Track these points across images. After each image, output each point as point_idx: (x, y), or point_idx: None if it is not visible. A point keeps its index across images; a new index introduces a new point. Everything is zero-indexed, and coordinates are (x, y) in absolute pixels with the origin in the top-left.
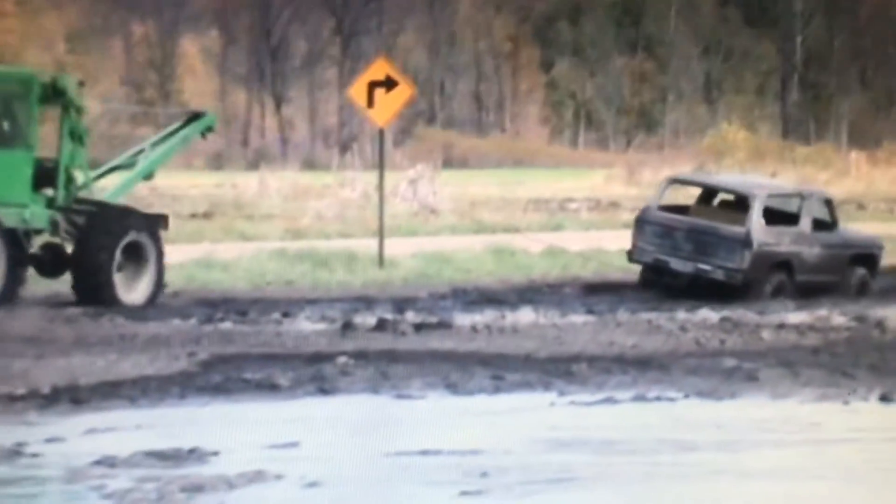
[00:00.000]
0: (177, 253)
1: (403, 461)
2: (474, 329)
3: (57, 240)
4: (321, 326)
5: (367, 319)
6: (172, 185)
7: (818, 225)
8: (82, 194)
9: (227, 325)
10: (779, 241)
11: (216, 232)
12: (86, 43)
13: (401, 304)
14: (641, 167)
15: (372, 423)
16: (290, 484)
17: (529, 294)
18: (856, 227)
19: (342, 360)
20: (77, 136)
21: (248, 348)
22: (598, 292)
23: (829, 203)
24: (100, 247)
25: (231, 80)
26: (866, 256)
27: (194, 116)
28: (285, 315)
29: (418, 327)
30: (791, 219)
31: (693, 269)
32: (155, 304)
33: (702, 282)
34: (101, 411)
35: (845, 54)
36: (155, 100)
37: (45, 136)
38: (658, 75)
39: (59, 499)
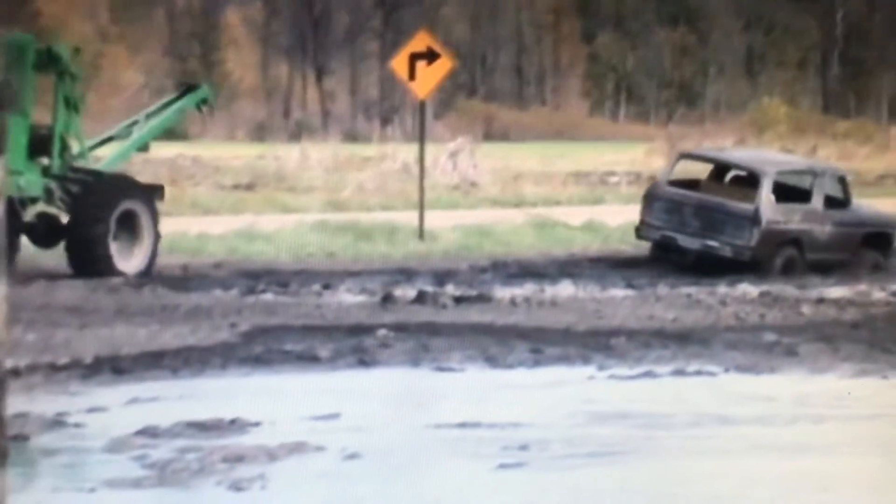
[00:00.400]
0: (219, 224)
1: (443, 434)
2: (514, 302)
3: (51, 209)
4: (362, 298)
5: (408, 292)
6: (215, 156)
7: (831, 202)
8: (78, 164)
9: (268, 296)
10: (788, 218)
11: (258, 203)
12: (129, 13)
13: (441, 277)
14: (682, 141)
15: (411, 396)
16: (330, 455)
17: (569, 267)
18: (871, 205)
19: (382, 332)
20: (72, 104)
21: (289, 320)
22: (637, 266)
23: (842, 180)
24: (95, 215)
25: (273, 52)
26: (880, 236)
27: (189, 88)
28: (326, 287)
29: (458, 300)
30: (803, 195)
31: (700, 245)
32: (150, 274)
33: (709, 259)
34: (143, 381)
35: (886, 29)
36: (198, 71)
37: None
38: (699, 48)
39: (102, 469)
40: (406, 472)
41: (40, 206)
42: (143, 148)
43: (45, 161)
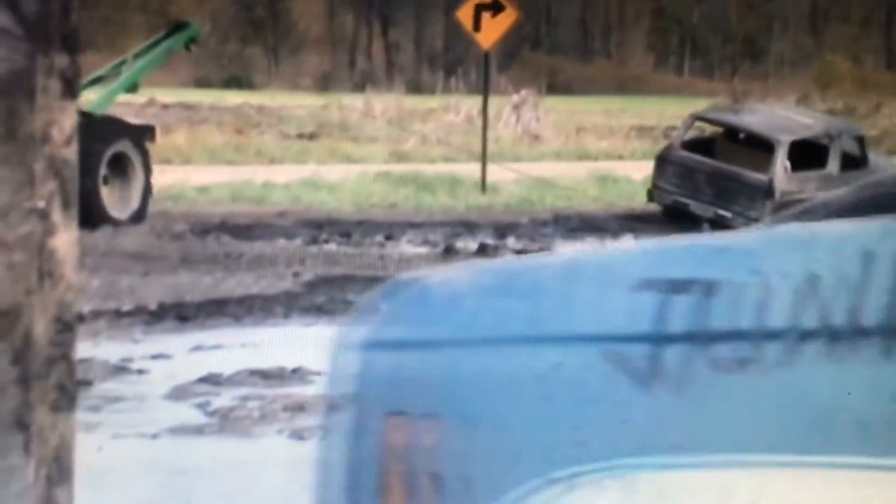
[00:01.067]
0: (283, 173)
1: None
2: None
3: None
4: (423, 250)
5: (469, 244)
6: (280, 105)
7: (848, 162)
8: None
9: (331, 246)
10: (803, 187)
11: (322, 153)
12: None
13: (502, 230)
14: (746, 96)
15: None
16: None
17: (631, 222)
18: (891, 162)
19: None
20: None
21: (352, 270)
22: (698, 220)
23: (860, 140)
24: (84, 157)
25: (339, 2)
26: None
27: (178, 27)
28: (388, 238)
29: (519, 253)
30: (820, 154)
31: (713, 214)
32: (142, 219)
33: (721, 227)
34: (207, 329)
35: None
36: (265, 19)
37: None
38: (765, 3)
39: (164, 415)
40: None
41: None
42: (132, 88)
43: None
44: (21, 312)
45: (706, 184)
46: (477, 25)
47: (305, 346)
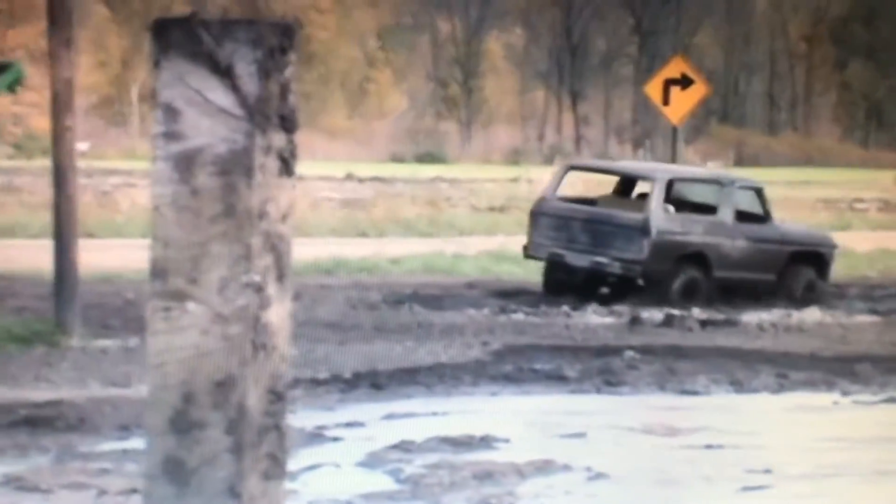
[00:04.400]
0: (473, 245)
1: (687, 455)
2: (760, 327)
3: None
4: (609, 320)
5: (655, 315)
6: (471, 178)
7: (746, 217)
8: None
9: (518, 316)
10: (688, 229)
11: (510, 225)
12: (396, 39)
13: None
14: None
15: (657, 418)
16: (576, 474)
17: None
18: (800, 223)
19: (629, 354)
20: None
21: (539, 339)
22: (883, 292)
23: (759, 193)
24: None
25: (531, 78)
26: (811, 255)
27: (1, 68)
28: (574, 308)
29: (704, 324)
30: (713, 210)
31: (589, 262)
32: None
33: (600, 277)
34: (399, 398)
35: None
36: (458, 96)
37: None
38: None
39: (357, 482)
40: (649, 492)
41: None
42: None
43: None
44: (236, 383)
45: (581, 232)
46: (666, 99)
47: (493, 413)
